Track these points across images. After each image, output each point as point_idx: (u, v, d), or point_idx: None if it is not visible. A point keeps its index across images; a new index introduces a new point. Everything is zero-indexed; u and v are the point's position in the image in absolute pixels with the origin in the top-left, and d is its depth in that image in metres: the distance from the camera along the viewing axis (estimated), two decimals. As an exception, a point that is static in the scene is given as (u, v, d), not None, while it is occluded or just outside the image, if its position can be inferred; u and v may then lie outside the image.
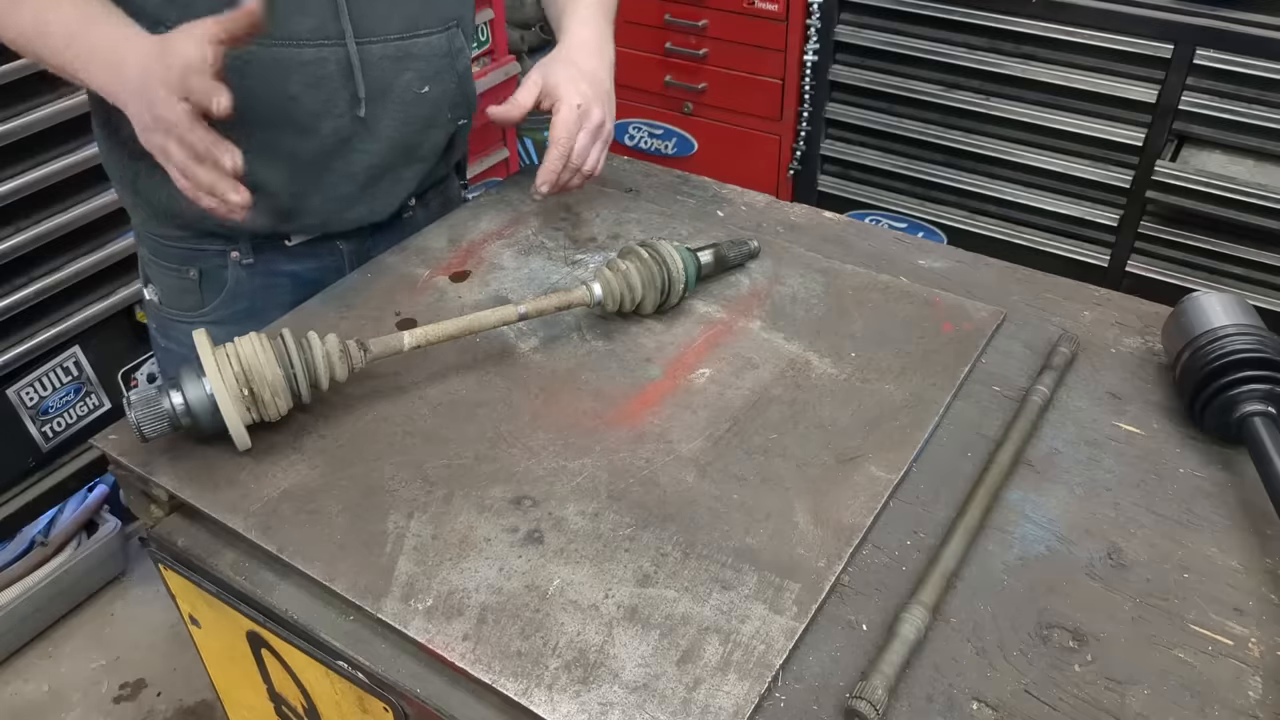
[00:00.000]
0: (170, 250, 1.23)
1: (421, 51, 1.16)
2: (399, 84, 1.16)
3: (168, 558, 0.94)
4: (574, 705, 0.71)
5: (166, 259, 1.24)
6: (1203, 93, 1.85)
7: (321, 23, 1.08)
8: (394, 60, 1.14)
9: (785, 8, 2.22)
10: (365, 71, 1.12)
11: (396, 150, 1.20)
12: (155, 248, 1.24)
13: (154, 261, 1.25)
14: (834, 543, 0.83)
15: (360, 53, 1.10)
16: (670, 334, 1.09)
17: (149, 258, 1.26)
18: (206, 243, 1.21)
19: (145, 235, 1.25)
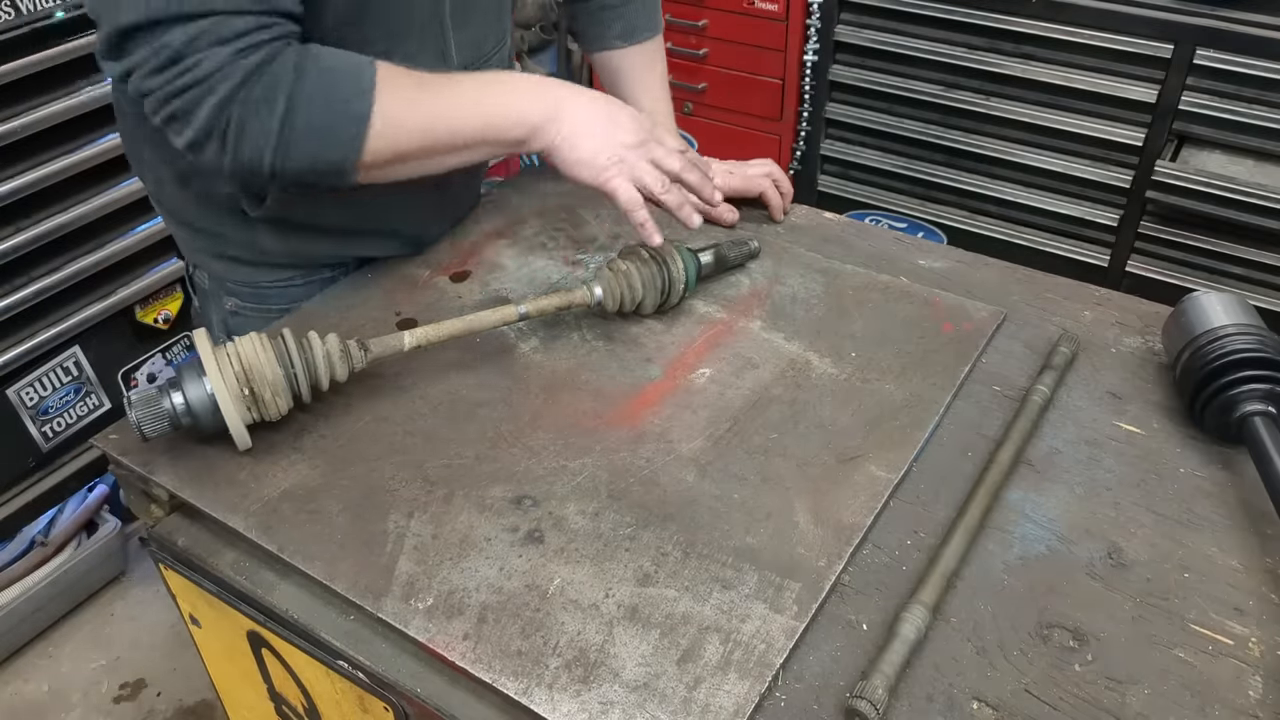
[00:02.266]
0: (271, 291, 1.21)
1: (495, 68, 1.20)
2: None
3: (168, 557, 0.94)
4: (574, 704, 0.71)
5: (265, 301, 1.21)
6: (1203, 93, 1.84)
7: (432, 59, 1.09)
8: None
9: (785, 8, 2.22)
10: None
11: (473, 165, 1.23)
12: (253, 295, 1.21)
13: (245, 309, 1.23)
14: (834, 542, 0.83)
15: None
16: (670, 334, 1.09)
17: (239, 306, 1.23)
18: (316, 273, 1.21)
19: (238, 288, 1.21)
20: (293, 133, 0.88)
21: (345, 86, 0.90)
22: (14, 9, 1.61)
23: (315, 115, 0.89)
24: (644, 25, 1.30)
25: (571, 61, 2.85)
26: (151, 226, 1.92)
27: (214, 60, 0.84)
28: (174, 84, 0.85)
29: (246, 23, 0.86)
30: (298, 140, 0.89)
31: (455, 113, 0.97)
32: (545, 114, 0.98)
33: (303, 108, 0.88)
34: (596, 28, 1.30)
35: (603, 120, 1.00)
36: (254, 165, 0.90)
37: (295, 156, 0.90)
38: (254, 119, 0.87)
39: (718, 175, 1.30)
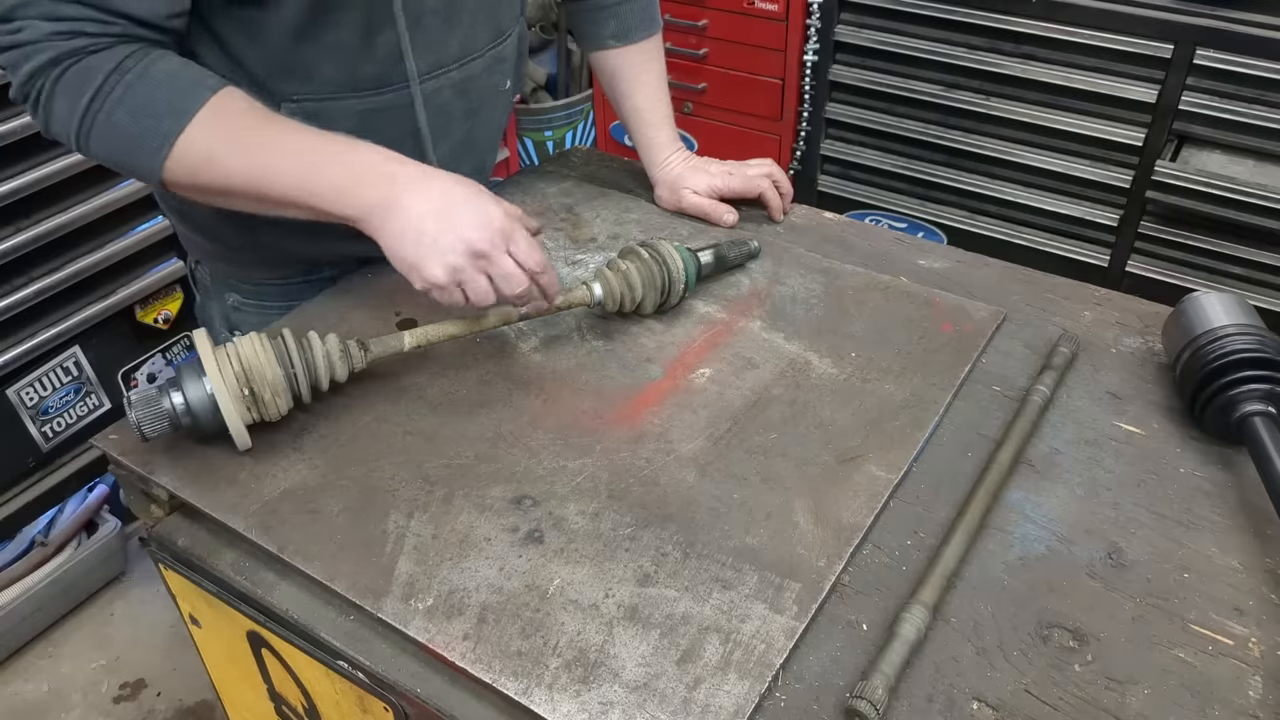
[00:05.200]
0: (272, 289, 1.21)
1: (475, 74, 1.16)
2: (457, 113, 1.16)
3: (168, 557, 0.94)
4: (574, 705, 0.71)
5: (266, 299, 1.22)
6: (1203, 93, 1.84)
7: (385, 69, 1.06)
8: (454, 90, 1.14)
9: (785, 8, 2.22)
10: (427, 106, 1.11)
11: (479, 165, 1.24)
12: (254, 292, 1.22)
13: (247, 305, 1.23)
14: (834, 542, 0.83)
15: (422, 89, 1.09)
16: (670, 334, 1.09)
17: (240, 303, 1.23)
18: (317, 272, 1.21)
19: (239, 284, 1.22)
20: (93, 127, 0.89)
21: (163, 102, 0.89)
22: (14, 9, 1.61)
23: (120, 119, 0.88)
24: (641, 24, 1.30)
25: (571, 61, 2.85)
26: (151, 226, 1.92)
27: (32, 32, 0.86)
28: (3, 39, 0.88)
29: (76, 11, 0.87)
30: (98, 135, 0.89)
31: (280, 169, 0.91)
32: (377, 201, 0.91)
33: (108, 108, 0.88)
34: (593, 27, 1.30)
35: (439, 221, 0.90)
36: (63, 140, 0.91)
37: (96, 148, 0.91)
38: (61, 99, 0.88)
39: (717, 176, 1.29)
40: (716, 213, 1.27)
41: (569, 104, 2.80)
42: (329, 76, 1.04)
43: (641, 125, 1.32)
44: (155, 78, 0.89)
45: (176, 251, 1.99)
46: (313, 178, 0.91)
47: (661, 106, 1.33)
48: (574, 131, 2.83)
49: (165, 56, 0.91)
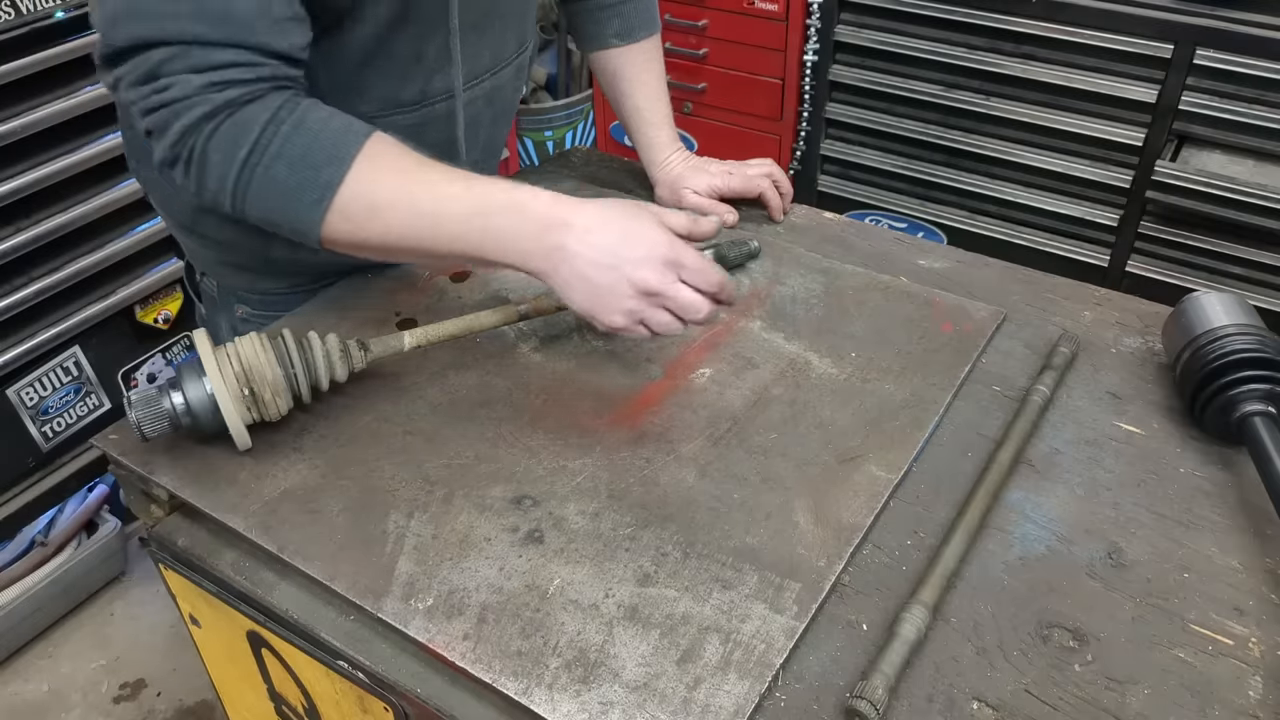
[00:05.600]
0: (281, 299, 1.20)
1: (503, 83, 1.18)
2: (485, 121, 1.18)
3: (168, 557, 0.94)
4: (574, 705, 0.71)
5: (275, 309, 1.20)
6: (1203, 93, 1.84)
7: (432, 84, 1.07)
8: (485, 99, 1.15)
9: (785, 8, 2.21)
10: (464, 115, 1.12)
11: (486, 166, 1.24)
12: (262, 302, 1.21)
13: (255, 316, 1.22)
14: (834, 542, 0.83)
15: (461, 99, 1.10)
16: (670, 334, 1.09)
17: (249, 314, 1.22)
18: (324, 279, 1.20)
19: (248, 295, 1.21)
20: (251, 182, 0.84)
21: (320, 151, 0.84)
22: (14, 9, 1.61)
23: (279, 171, 0.84)
24: (641, 24, 1.30)
25: (571, 61, 2.85)
26: (152, 226, 1.92)
27: (183, 87, 0.82)
28: (149, 100, 0.84)
29: (227, 55, 0.83)
30: (256, 192, 0.85)
31: (443, 220, 0.87)
32: (543, 252, 0.86)
33: (266, 161, 0.84)
34: (593, 27, 1.30)
35: (607, 269, 0.85)
36: (216, 201, 0.87)
37: (253, 206, 0.86)
38: (216, 154, 0.84)
39: (717, 176, 1.30)
40: (716, 212, 1.28)
41: (569, 104, 2.80)
42: (381, 95, 1.04)
43: (641, 125, 1.32)
44: (311, 127, 0.84)
45: (176, 252, 1.98)
46: (477, 230, 0.86)
47: (661, 106, 1.33)
48: (574, 132, 2.83)
49: (315, 105, 0.86)
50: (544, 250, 0.86)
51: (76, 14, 1.69)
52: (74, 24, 1.70)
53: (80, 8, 1.69)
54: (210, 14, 0.82)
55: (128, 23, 0.82)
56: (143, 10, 0.82)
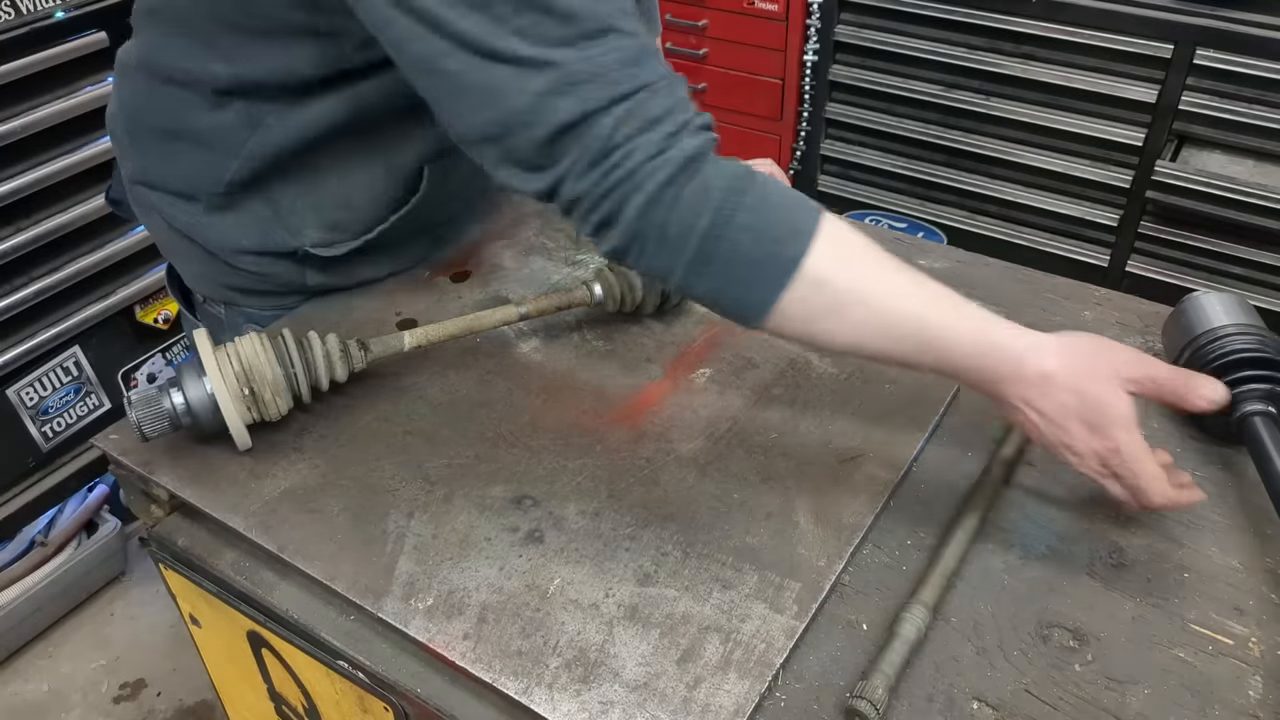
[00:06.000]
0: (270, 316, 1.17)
1: None
2: None
3: (168, 557, 0.94)
4: (574, 704, 0.71)
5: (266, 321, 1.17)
6: (1203, 93, 1.84)
7: None
8: None
9: (785, 8, 2.22)
10: None
11: None
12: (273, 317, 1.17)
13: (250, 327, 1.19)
14: (834, 542, 0.83)
15: None
16: (670, 334, 1.09)
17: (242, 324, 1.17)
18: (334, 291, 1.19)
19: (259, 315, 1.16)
20: (712, 256, 0.75)
21: (784, 224, 0.76)
22: (14, 9, 1.61)
23: (742, 243, 0.75)
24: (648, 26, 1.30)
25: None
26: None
27: (645, 148, 0.73)
28: (605, 182, 0.74)
29: (664, 101, 0.76)
30: (713, 266, 0.76)
31: (906, 329, 0.78)
32: (1009, 393, 0.79)
33: (732, 232, 0.75)
34: None
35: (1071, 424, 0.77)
36: (663, 276, 0.78)
37: (703, 281, 0.77)
38: (675, 225, 0.75)
39: None
40: None
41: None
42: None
43: None
44: (772, 197, 0.76)
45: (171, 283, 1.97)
46: (945, 352, 0.78)
47: None
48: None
49: (761, 173, 0.79)
50: (1009, 393, 0.79)
51: (76, 14, 1.69)
52: (74, 24, 1.69)
53: (79, 8, 1.69)
54: (631, 54, 0.75)
55: (568, 96, 0.73)
56: (579, 74, 0.73)
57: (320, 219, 1.07)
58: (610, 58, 0.74)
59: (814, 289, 0.75)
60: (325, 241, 1.08)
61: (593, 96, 0.73)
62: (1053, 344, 0.78)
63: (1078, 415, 0.77)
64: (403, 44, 0.77)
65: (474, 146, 0.79)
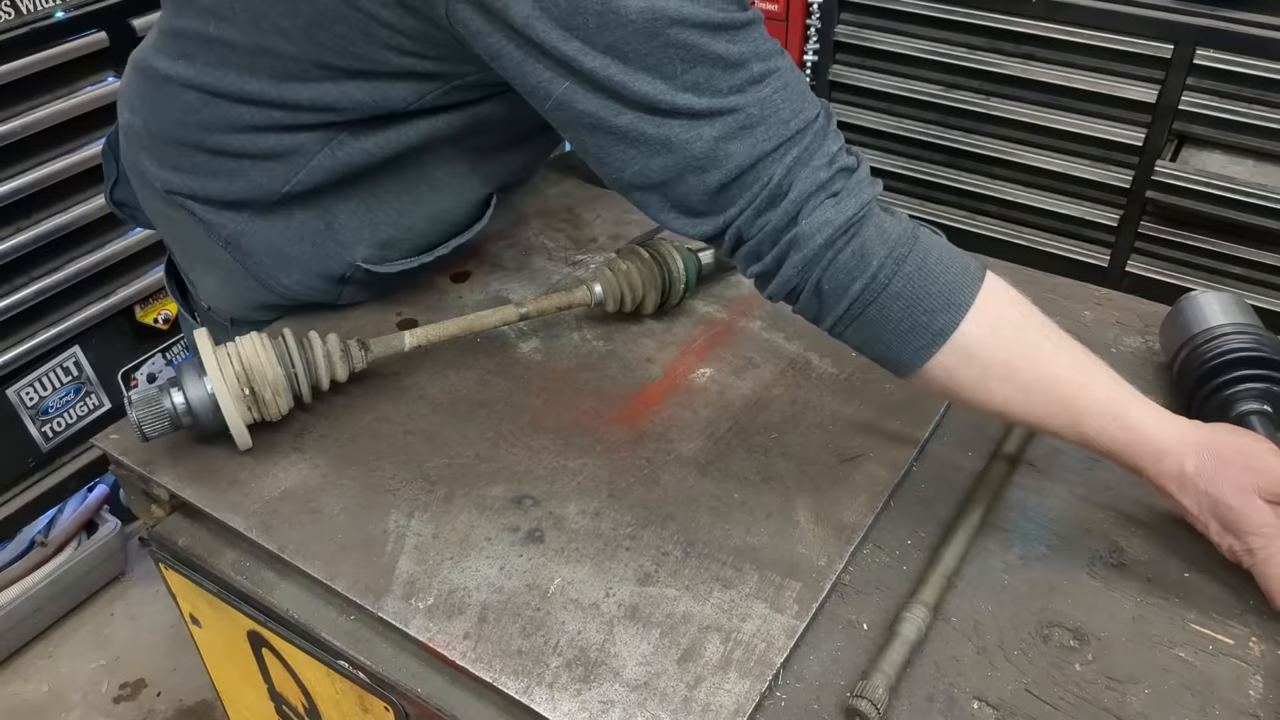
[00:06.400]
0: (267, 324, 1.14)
1: None
2: None
3: (168, 557, 0.94)
4: (575, 704, 0.71)
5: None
6: (1203, 93, 1.84)
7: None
8: None
9: (785, 8, 2.21)
10: None
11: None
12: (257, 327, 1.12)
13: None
14: (835, 542, 0.83)
15: None
16: (671, 334, 1.09)
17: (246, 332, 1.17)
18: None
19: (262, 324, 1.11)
20: (861, 318, 0.77)
21: (939, 295, 0.76)
22: (14, 9, 1.61)
23: (894, 310, 0.76)
24: None
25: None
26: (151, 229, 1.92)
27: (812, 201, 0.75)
28: (770, 233, 0.76)
29: (832, 143, 0.77)
30: (863, 326, 0.78)
31: (1049, 410, 0.78)
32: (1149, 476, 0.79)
33: (884, 299, 0.76)
34: None
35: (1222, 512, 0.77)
36: (813, 320, 0.81)
37: (852, 335, 0.79)
38: (830, 284, 0.77)
39: None
40: None
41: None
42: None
43: None
44: (932, 268, 0.76)
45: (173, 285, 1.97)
46: (1089, 435, 0.78)
47: None
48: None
49: (927, 234, 0.80)
50: (1149, 475, 0.79)
51: (76, 14, 1.69)
52: (74, 24, 1.69)
53: (79, 8, 1.69)
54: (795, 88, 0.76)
55: (743, 140, 0.74)
56: (753, 117, 0.74)
57: (374, 237, 1.04)
58: (779, 96, 0.75)
59: (962, 361, 0.77)
60: (376, 259, 1.06)
61: (765, 138, 0.74)
62: (1193, 444, 0.77)
63: (1213, 515, 0.78)
64: (567, 103, 0.76)
65: (638, 192, 0.79)
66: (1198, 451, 0.77)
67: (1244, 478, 0.76)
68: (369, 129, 0.94)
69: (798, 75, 0.78)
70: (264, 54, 0.90)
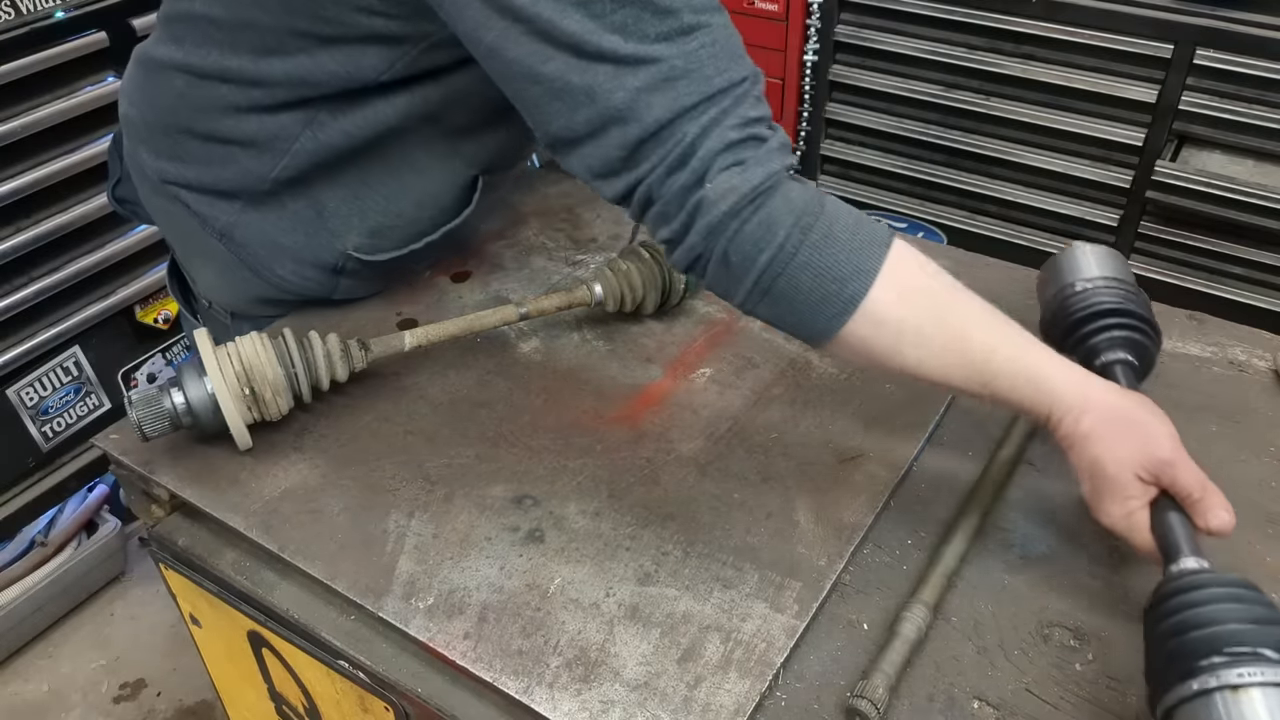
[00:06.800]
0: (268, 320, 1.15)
1: None
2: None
3: (168, 557, 0.94)
4: (575, 704, 0.71)
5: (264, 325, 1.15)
6: (1203, 93, 1.84)
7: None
8: None
9: (785, 8, 2.22)
10: None
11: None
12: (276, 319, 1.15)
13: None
14: (835, 541, 0.83)
15: None
16: (671, 334, 1.09)
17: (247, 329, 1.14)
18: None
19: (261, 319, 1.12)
20: (770, 290, 0.77)
21: (847, 263, 0.76)
22: (14, 9, 1.61)
23: (803, 281, 0.75)
24: None
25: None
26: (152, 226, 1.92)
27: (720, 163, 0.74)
28: (678, 193, 0.75)
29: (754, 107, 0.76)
30: (773, 298, 0.77)
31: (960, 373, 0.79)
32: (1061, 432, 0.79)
33: (792, 270, 0.75)
34: None
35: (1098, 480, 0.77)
36: (724, 296, 0.80)
37: (764, 309, 0.79)
38: (736, 255, 0.76)
39: None
40: None
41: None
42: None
43: None
44: (839, 236, 0.76)
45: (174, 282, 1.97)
46: (1002, 393, 0.78)
47: None
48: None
49: (835, 205, 0.79)
50: (1061, 432, 0.79)
51: (76, 14, 1.69)
52: (74, 24, 1.69)
53: (79, 8, 1.69)
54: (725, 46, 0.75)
55: (664, 93, 0.73)
56: (676, 70, 0.73)
57: (364, 225, 1.05)
58: (705, 52, 0.74)
59: (874, 328, 0.77)
60: (368, 249, 1.07)
61: (686, 94, 0.73)
62: (1098, 405, 0.77)
63: (1090, 476, 0.78)
64: (498, 50, 0.77)
65: (565, 149, 0.79)
66: (1100, 414, 0.77)
67: (1133, 452, 0.76)
68: (345, 106, 0.96)
69: (731, 35, 0.77)
70: (244, 29, 0.93)
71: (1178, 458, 0.76)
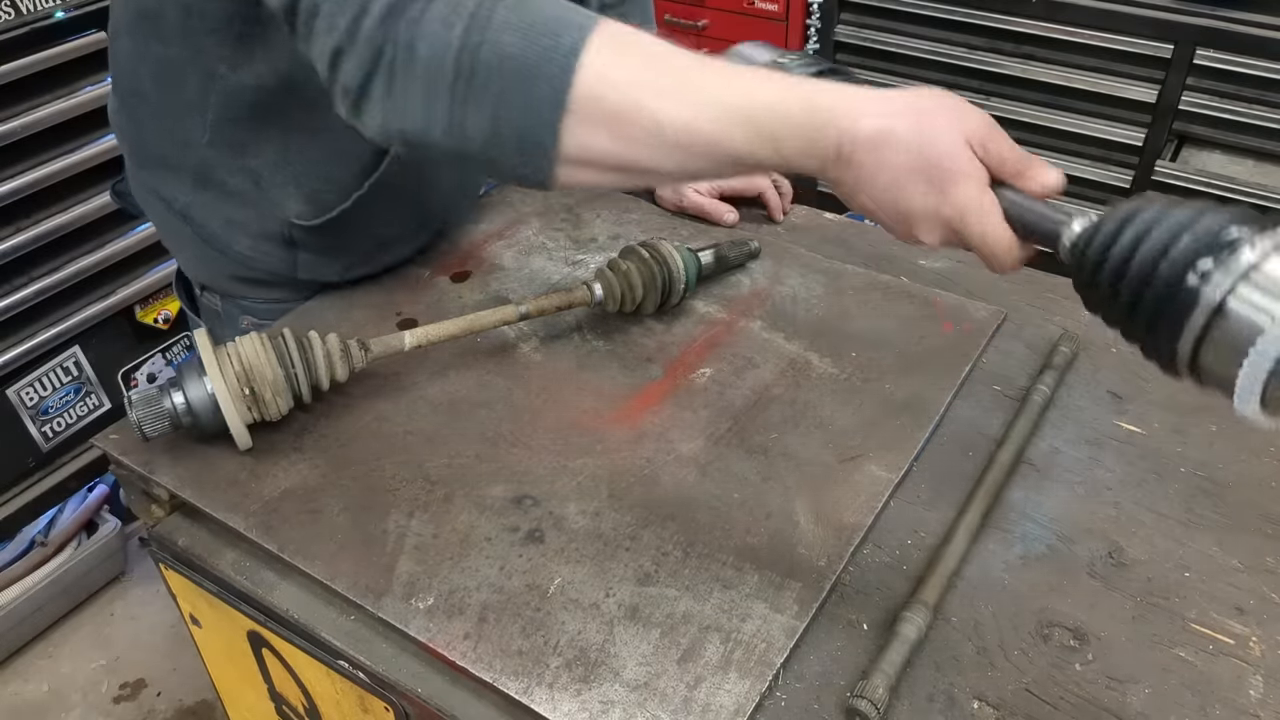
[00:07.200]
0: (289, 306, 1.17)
1: None
2: None
3: (168, 557, 0.94)
4: (575, 704, 0.71)
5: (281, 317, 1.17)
6: (1203, 93, 1.85)
7: None
8: None
9: (785, 8, 2.22)
10: None
11: None
12: (269, 311, 1.17)
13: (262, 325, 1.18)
14: (835, 542, 0.83)
15: None
16: (671, 334, 1.09)
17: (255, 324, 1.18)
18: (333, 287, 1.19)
19: (255, 305, 1.17)
20: (473, 70, 0.65)
21: (550, 13, 0.66)
22: (14, 9, 1.61)
23: (508, 43, 0.64)
24: (644, 24, 1.30)
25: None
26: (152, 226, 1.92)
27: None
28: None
29: None
30: (479, 81, 0.65)
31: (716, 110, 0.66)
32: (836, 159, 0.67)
33: (493, 32, 0.64)
34: None
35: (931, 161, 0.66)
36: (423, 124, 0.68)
37: (475, 111, 0.66)
38: (426, 41, 0.65)
39: None
40: (717, 211, 1.27)
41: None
42: None
43: None
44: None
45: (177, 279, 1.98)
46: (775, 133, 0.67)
47: None
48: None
49: None
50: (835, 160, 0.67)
51: (76, 14, 1.69)
52: (74, 24, 1.70)
53: (79, 8, 1.69)
54: None
55: None
56: None
57: (300, 191, 1.07)
58: None
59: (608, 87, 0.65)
60: (308, 214, 1.09)
61: None
62: (900, 105, 0.66)
63: (922, 174, 0.65)
64: None
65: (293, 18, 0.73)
66: (902, 103, 0.66)
67: (953, 122, 0.66)
68: (236, 54, 0.96)
69: None
70: None
71: (996, 130, 0.67)
